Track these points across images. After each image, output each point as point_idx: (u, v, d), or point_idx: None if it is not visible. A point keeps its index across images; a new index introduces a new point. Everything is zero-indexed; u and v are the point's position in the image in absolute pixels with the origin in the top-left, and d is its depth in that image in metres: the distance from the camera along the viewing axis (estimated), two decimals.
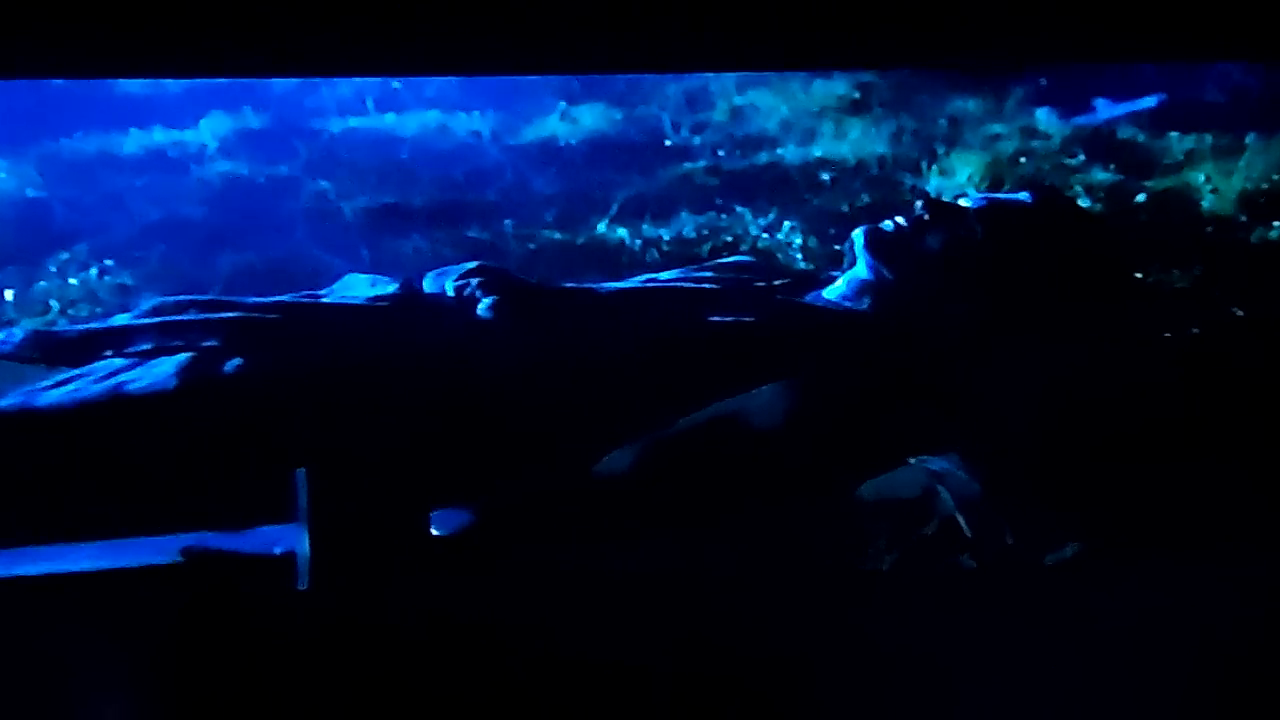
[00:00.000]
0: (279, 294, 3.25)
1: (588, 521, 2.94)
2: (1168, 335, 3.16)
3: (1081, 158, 4.17)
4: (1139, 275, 3.17)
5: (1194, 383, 3.06)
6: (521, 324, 3.04)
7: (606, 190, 4.08)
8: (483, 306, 3.06)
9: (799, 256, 3.83)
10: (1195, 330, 3.17)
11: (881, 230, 3.11)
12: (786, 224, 3.90)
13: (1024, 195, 3.09)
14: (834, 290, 3.13)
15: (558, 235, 3.94)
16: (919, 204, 3.09)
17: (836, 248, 3.93)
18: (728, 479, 2.94)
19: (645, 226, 3.94)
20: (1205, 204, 3.93)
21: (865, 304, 3.07)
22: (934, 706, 2.75)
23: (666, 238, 3.92)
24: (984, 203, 3.08)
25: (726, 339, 3.01)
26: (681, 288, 3.09)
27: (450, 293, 3.14)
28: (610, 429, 2.96)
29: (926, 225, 3.09)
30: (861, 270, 3.11)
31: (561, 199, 4.07)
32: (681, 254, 3.88)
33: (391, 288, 3.16)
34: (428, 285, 3.19)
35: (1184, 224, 3.83)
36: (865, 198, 3.97)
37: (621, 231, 3.93)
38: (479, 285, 3.11)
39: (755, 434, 2.94)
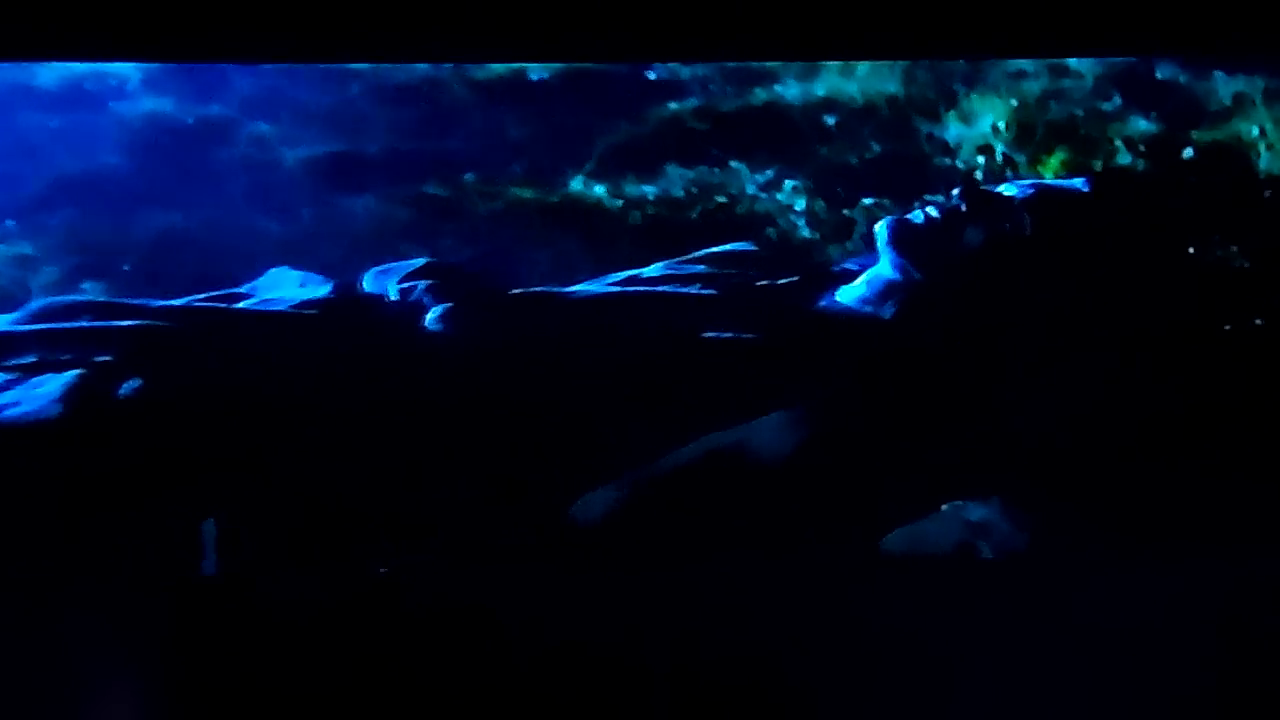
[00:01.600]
0: (203, 272, 2.68)
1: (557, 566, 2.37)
2: (1228, 328, 2.56)
3: (1118, 101, 3.53)
4: (1206, 266, 2.56)
5: (1258, 380, 2.48)
6: (477, 338, 2.44)
7: (583, 137, 3.45)
8: (432, 316, 2.47)
9: (802, 223, 3.22)
10: (1259, 321, 2.57)
11: (910, 222, 2.51)
12: (788, 183, 3.28)
13: (1078, 182, 2.48)
14: (852, 291, 2.54)
15: (527, 193, 3.32)
16: (956, 192, 2.49)
17: (845, 213, 3.32)
18: (724, 527, 2.37)
19: (627, 184, 3.32)
20: (1262, 161, 3.31)
21: (889, 309, 2.48)
22: (931, 700, 2.36)
23: (651, 197, 3.30)
24: (1032, 191, 2.48)
25: (723, 358, 2.42)
26: (669, 293, 2.49)
27: (394, 296, 2.54)
28: (583, 466, 2.39)
29: (964, 217, 2.50)
30: (885, 269, 2.52)
31: (532, 147, 3.44)
32: (669, 219, 3.26)
33: (324, 289, 2.56)
34: (368, 285, 2.60)
35: (1238, 185, 3.21)
36: (875, 146, 3.35)
37: (599, 189, 3.31)
38: (427, 290, 2.51)
39: (757, 474, 2.37)
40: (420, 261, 2.54)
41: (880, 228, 2.49)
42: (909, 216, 2.48)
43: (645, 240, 3.31)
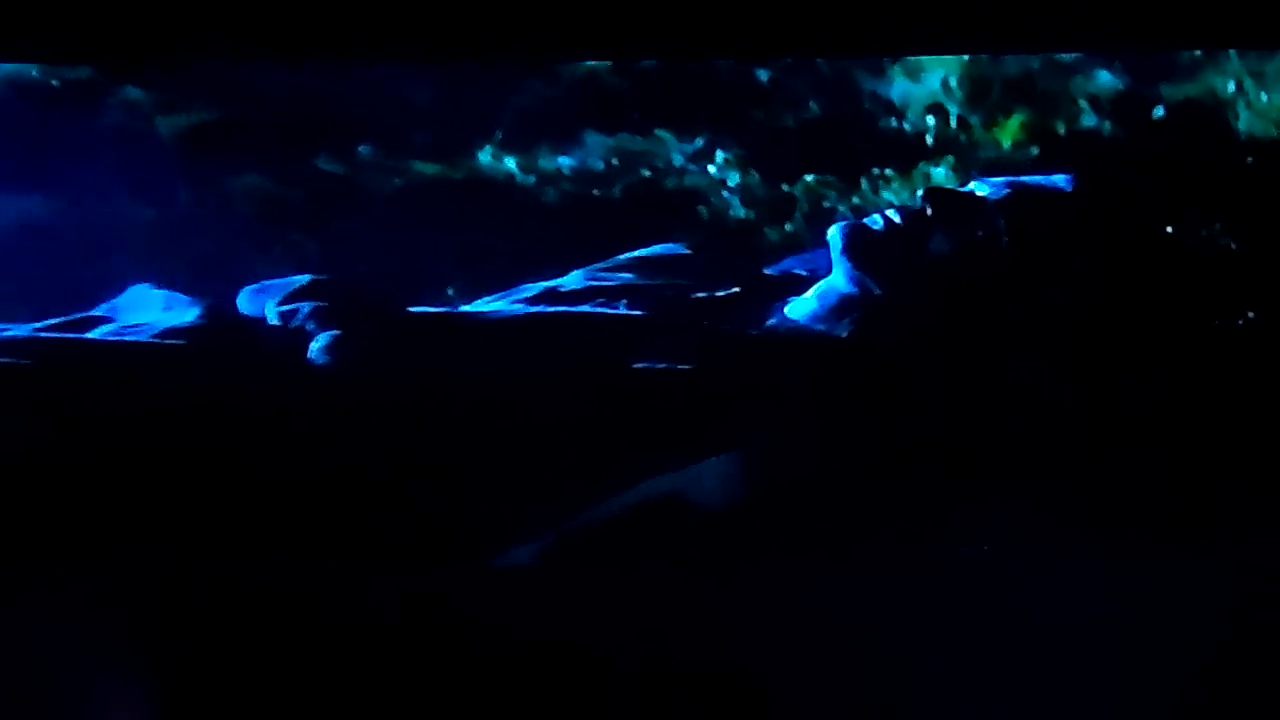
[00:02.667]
0: (54, 274, 2.30)
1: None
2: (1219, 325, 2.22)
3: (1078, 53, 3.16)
4: (1198, 266, 2.20)
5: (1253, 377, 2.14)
6: (371, 372, 2.06)
7: (491, 100, 3.05)
8: (317, 346, 2.09)
9: (736, 200, 2.84)
10: (1251, 314, 2.22)
11: (867, 229, 2.15)
12: (720, 154, 2.89)
13: (1060, 180, 2.12)
14: (802, 306, 2.17)
15: (430, 169, 2.92)
16: (919, 194, 2.12)
17: (785, 189, 2.95)
18: (654, 588, 2.02)
19: (541, 156, 2.93)
20: (1241, 122, 2.95)
21: (845, 327, 2.12)
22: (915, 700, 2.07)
23: (567, 170, 2.91)
24: (1007, 191, 2.12)
25: (657, 392, 2.05)
26: (593, 314, 2.11)
27: (274, 320, 2.16)
28: (498, 522, 2.02)
29: (929, 222, 2.13)
30: (840, 281, 2.15)
31: (435, 114, 3.04)
32: (587, 196, 2.88)
33: (193, 313, 2.17)
34: (243, 306, 2.21)
35: (1216, 152, 2.85)
36: (814, 107, 2.96)
37: (510, 162, 2.91)
38: (311, 314, 2.13)
39: (695, 528, 2.02)
40: (302, 279, 2.15)
41: (833, 234, 2.12)
42: (866, 222, 2.11)
43: (562, 220, 2.93)
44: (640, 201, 2.89)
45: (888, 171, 2.83)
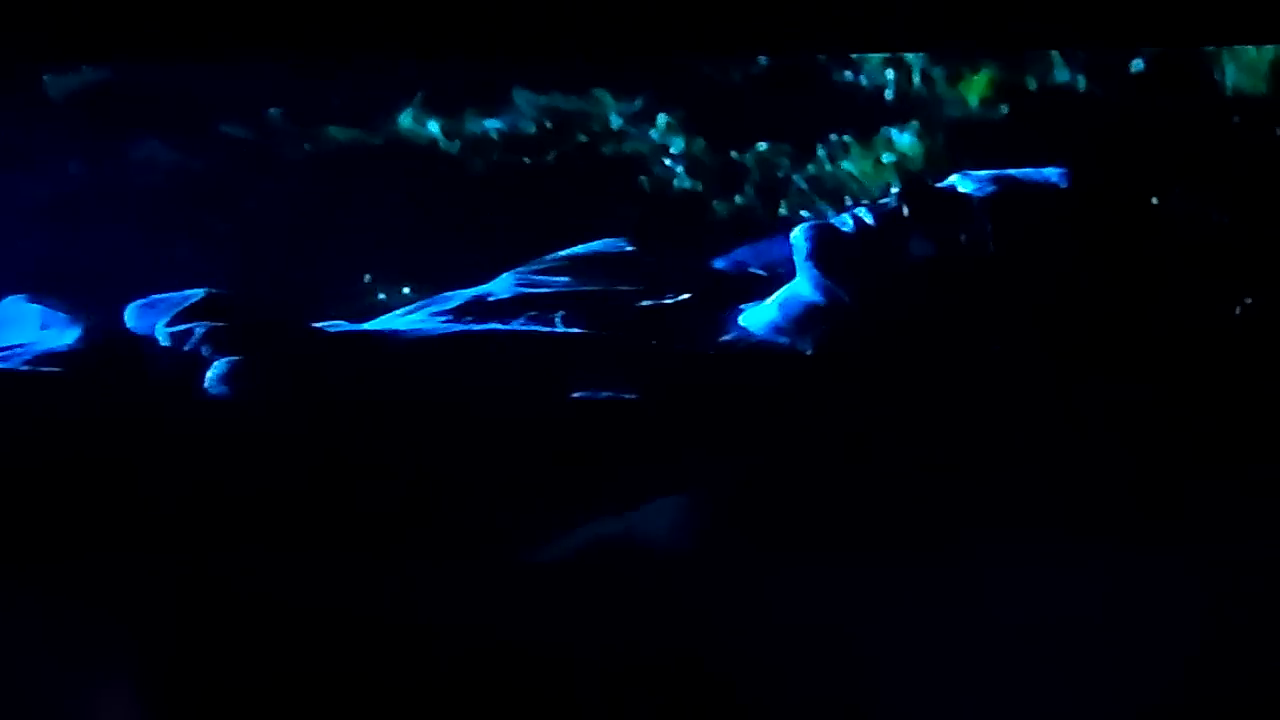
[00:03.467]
0: None
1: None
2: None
3: None
4: (1200, 262, 1.95)
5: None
6: (275, 405, 1.79)
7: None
8: (214, 375, 1.82)
9: (681, 169, 2.56)
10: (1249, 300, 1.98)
11: (836, 231, 1.88)
12: (661, 117, 2.61)
13: (1052, 174, 1.85)
14: (761, 316, 1.91)
15: (344, 134, 2.63)
16: (894, 191, 1.85)
17: (734, 155, 2.67)
18: (604, 645, 1.77)
19: (468, 119, 2.64)
20: (1229, 76, 2.69)
21: (809, 342, 1.86)
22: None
23: (496, 135, 2.62)
24: (994, 188, 1.86)
25: (597, 426, 1.78)
26: (528, 334, 1.84)
27: (165, 341, 1.88)
28: (426, 571, 1.76)
29: (905, 224, 1.87)
30: (804, 289, 1.89)
31: (351, 71, 2.74)
32: (517, 167, 2.60)
33: (73, 334, 1.89)
34: (131, 322, 1.93)
35: (1201, 114, 2.60)
36: (762, 61, 2.69)
37: (434, 126, 2.62)
38: (207, 337, 1.85)
39: (647, 578, 1.76)
40: (196, 294, 1.86)
41: (797, 236, 1.85)
42: (834, 222, 1.84)
43: (491, 192, 2.64)
44: (575, 170, 2.61)
45: (846, 138, 2.56)
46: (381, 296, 2.48)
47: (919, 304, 1.84)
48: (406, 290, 2.47)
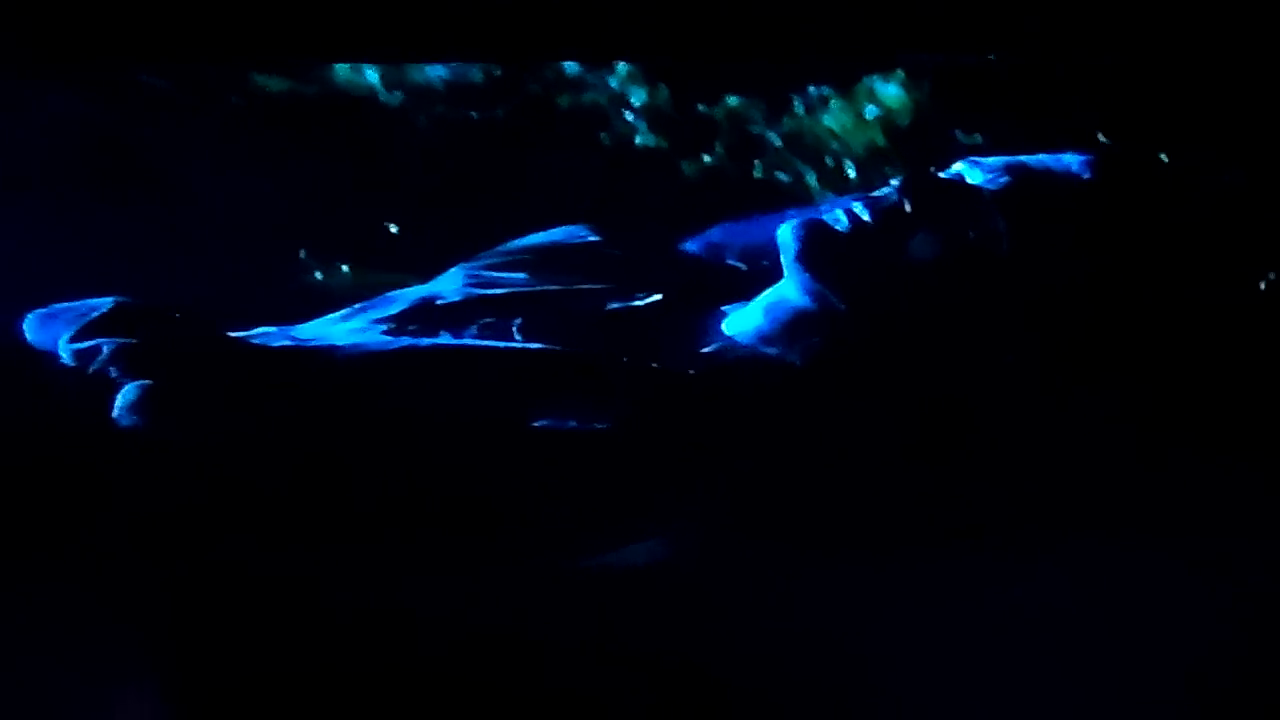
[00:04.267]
0: None
1: None
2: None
3: None
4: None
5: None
6: (192, 435, 1.56)
7: None
8: (123, 402, 1.57)
9: (644, 125, 2.32)
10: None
11: (828, 229, 1.64)
12: (622, 65, 2.36)
13: (1071, 161, 1.62)
14: (745, 322, 1.68)
15: (275, 84, 2.37)
16: (894, 182, 1.61)
17: (702, 109, 2.43)
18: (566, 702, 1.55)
19: (410, 68, 2.39)
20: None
21: (798, 352, 1.63)
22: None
23: (442, 87, 2.37)
24: (1007, 178, 1.62)
25: (563, 459, 1.55)
26: (482, 350, 1.60)
27: (69, 359, 1.64)
28: (355, 629, 1.53)
29: (907, 220, 1.63)
30: (792, 292, 1.65)
31: (281, 12, 2.47)
32: (467, 122, 2.34)
33: None
34: (32, 335, 1.69)
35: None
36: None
37: (373, 75, 2.37)
38: (115, 356, 1.61)
39: (615, 628, 1.55)
40: (103, 304, 1.62)
41: (785, 234, 1.62)
42: (826, 218, 1.60)
43: (435, 152, 2.38)
44: (528, 129, 2.35)
45: (825, 90, 2.31)
46: (318, 276, 2.23)
47: (922, 311, 1.61)
48: (345, 269, 2.22)
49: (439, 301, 1.70)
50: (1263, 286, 1.66)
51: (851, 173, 2.27)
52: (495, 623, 1.58)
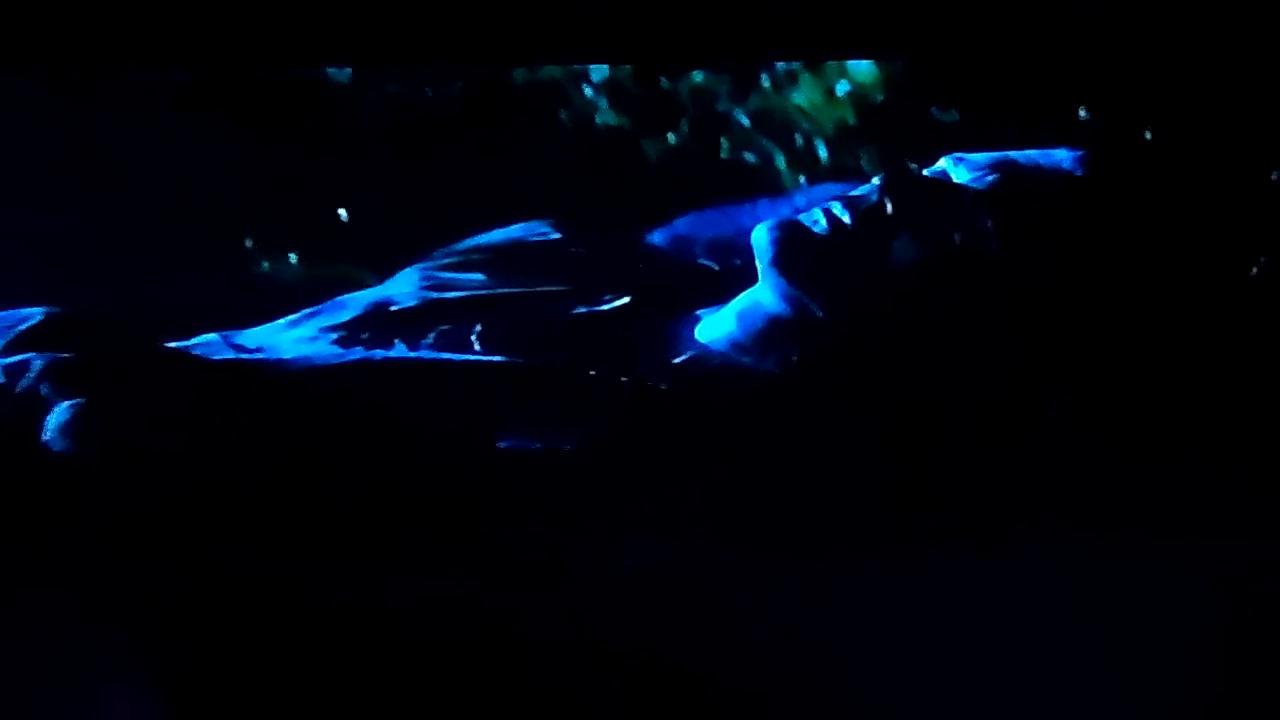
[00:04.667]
0: None
1: None
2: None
3: None
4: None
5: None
6: (131, 463, 1.45)
7: None
8: (55, 423, 1.46)
9: (604, 102, 2.21)
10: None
11: (805, 230, 1.54)
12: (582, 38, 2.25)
13: (1062, 156, 1.52)
14: (717, 328, 1.58)
15: (214, 70, 2.25)
16: (876, 180, 1.51)
17: (665, 85, 2.31)
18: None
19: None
20: None
21: (773, 359, 1.53)
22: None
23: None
24: (994, 177, 1.51)
25: (529, 483, 1.45)
26: (439, 363, 1.49)
27: None
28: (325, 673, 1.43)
29: (889, 221, 1.53)
30: (767, 297, 1.55)
31: None
32: (416, 97, 2.23)
33: None
34: None
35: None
36: None
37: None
38: (45, 374, 1.49)
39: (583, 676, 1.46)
40: (33, 315, 1.51)
41: (760, 236, 1.51)
42: (803, 219, 1.50)
43: (385, 133, 2.27)
44: (482, 102, 2.24)
45: (795, 65, 2.19)
46: (265, 266, 2.11)
47: (905, 317, 1.51)
48: (293, 258, 2.11)
49: (393, 307, 1.59)
50: (1259, 283, 1.56)
51: (823, 153, 2.17)
52: (477, 628, 1.49)
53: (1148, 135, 1.72)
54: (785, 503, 1.53)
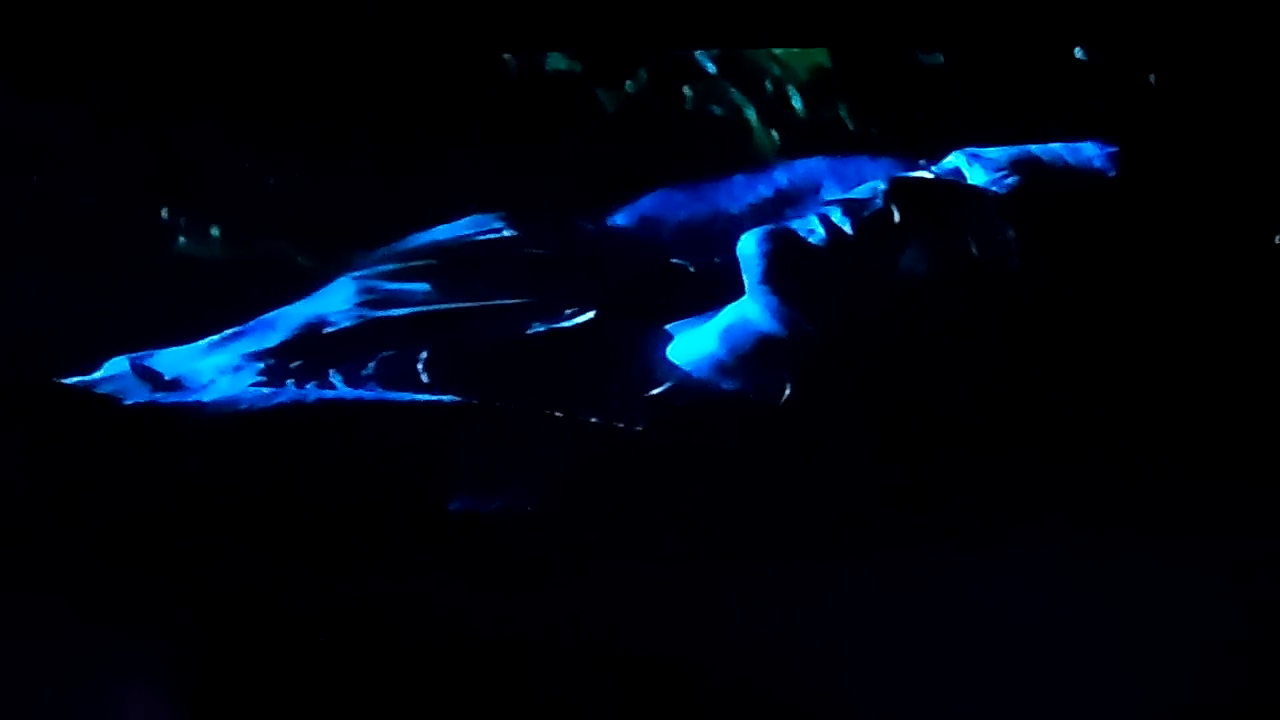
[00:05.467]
0: None
1: None
2: None
3: None
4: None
5: None
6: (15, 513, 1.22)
7: None
8: None
9: (575, 68, 1.97)
10: None
11: (800, 241, 1.31)
12: None
13: (1090, 150, 1.29)
14: (696, 347, 1.35)
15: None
16: (879, 185, 1.28)
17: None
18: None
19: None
20: None
21: (764, 389, 1.31)
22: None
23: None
24: (1015, 178, 1.29)
25: (490, 551, 1.23)
26: (380, 404, 1.26)
27: None
28: None
29: (895, 229, 1.31)
30: (754, 313, 1.33)
31: None
32: (340, 41, 1.97)
33: None
34: None
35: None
36: None
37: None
38: None
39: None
40: None
41: (747, 245, 1.29)
42: (796, 228, 1.28)
43: (319, 91, 2.01)
44: (423, 40, 1.98)
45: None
46: (183, 241, 1.87)
47: (915, 340, 1.28)
48: (215, 232, 1.87)
49: (327, 329, 1.36)
50: None
51: (797, 103, 1.93)
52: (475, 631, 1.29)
53: (1186, 123, 1.47)
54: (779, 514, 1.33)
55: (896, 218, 1.28)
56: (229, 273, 1.75)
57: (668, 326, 1.39)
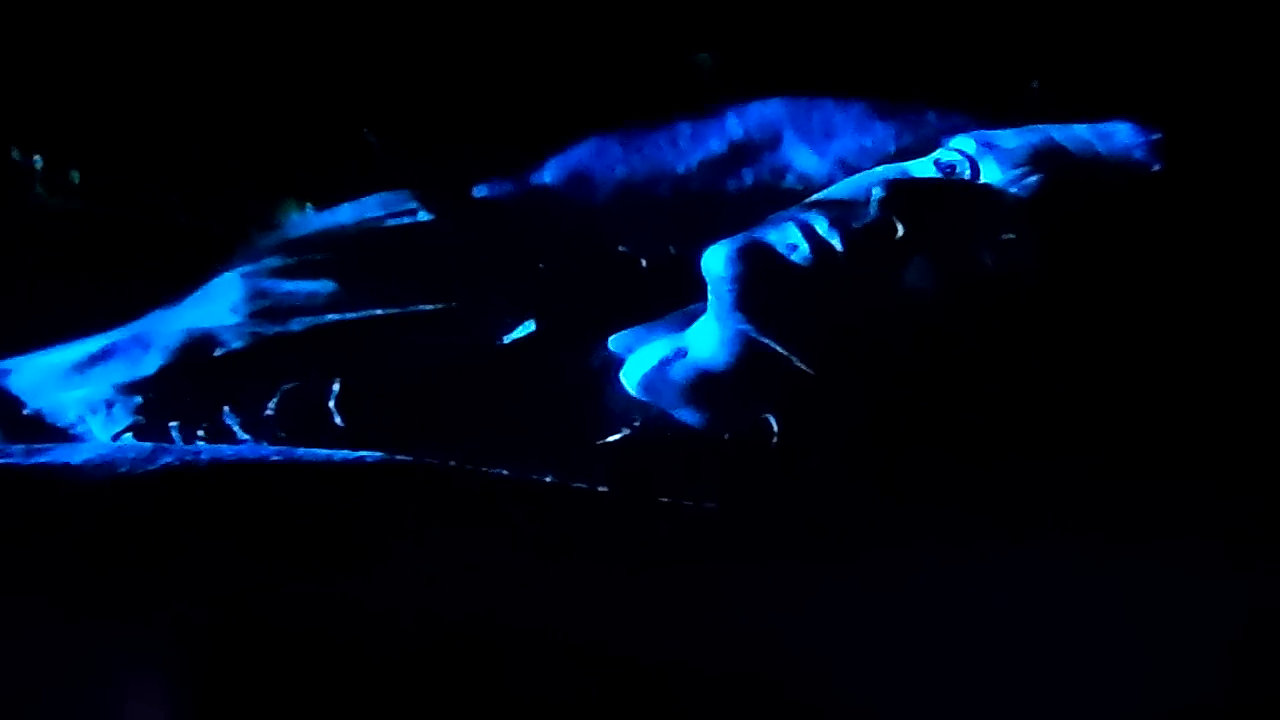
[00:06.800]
0: None
1: None
2: None
3: None
4: None
5: None
6: None
7: None
8: None
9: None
10: None
11: (778, 257, 1.08)
12: None
13: (1123, 133, 1.05)
14: (656, 376, 1.12)
15: None
16: (876, 189, 1.03)
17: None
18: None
19: None
20: None
21: (739, 430, 1.09)
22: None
23: None
24: (1039, 177, 1.04)
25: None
26: (284, 466, 1.02)
27: None
28: None
29: (897, 243, 1.07)
30: (728, 343, 1.09)
31: None
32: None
33: None
34: None
35: None
36: None
37: None
38: None
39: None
40: None
41: (715, 260, 1.05)
42: (774, 241, 1.05)
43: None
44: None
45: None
46: (40, 190, 1.59)
47: (920, 372, 1.05)
48: (75, 176, 1.59)
49: (215, 350, 1.10)
50: None
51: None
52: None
53: (1249, 103, 1.20)
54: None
55: (899, 226, 1.03)
56: (91, 235, 1.48)
57: (619, 337, 1.14)
